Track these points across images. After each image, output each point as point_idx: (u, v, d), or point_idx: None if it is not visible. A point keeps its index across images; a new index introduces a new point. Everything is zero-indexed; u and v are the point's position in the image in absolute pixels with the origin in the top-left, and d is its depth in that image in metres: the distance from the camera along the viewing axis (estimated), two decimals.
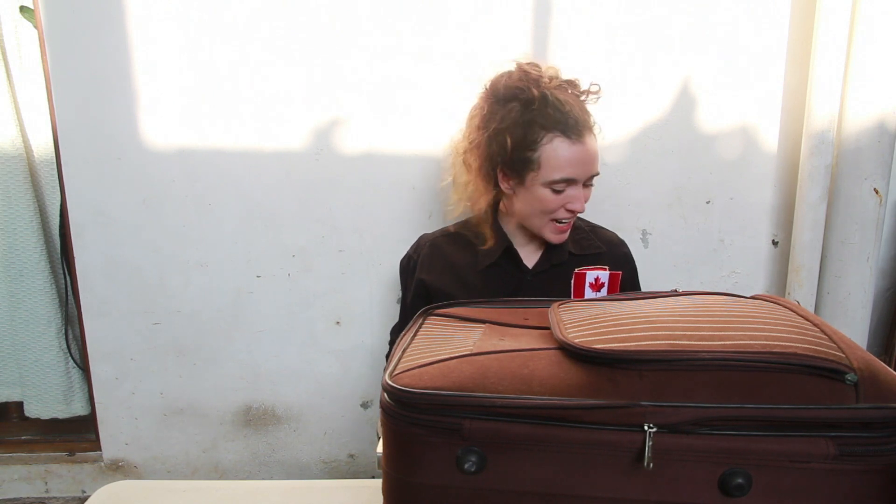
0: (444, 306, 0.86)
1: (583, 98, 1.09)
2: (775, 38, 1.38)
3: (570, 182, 1.04)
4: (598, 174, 1.08)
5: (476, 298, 1.09)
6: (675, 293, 0.82)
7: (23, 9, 1.51)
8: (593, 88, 1.09)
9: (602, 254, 1.15)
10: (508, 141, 1.04)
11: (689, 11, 1.37)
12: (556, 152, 1.01)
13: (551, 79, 1.06)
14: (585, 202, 1.08)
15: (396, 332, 1.27)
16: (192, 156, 1.43)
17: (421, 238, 1.23)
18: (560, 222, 1.08)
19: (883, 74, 1.30)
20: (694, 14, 1.37)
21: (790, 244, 1.45)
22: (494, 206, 1.19)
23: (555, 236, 1.10)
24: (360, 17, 1.36)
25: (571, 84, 1.08)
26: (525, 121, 1.02)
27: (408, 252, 1.23)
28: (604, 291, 1.09)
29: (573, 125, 1.01)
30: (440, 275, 1.15)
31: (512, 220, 1.16)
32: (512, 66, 1.09)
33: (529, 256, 1.15)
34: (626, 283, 1.16)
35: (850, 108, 1.33)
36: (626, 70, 1.39)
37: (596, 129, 1.08)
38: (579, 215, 1.22)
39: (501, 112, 1.05)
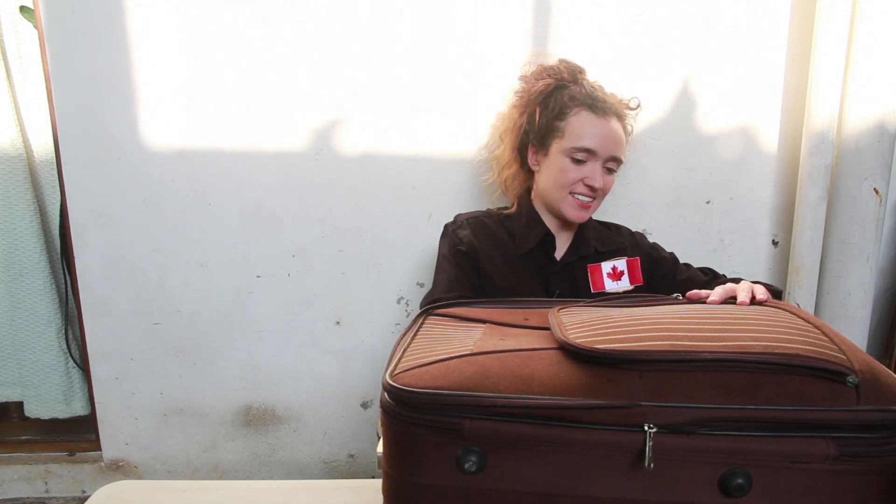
0: (445, 306, 0.86)
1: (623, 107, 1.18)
2: (775, 39, 1.38)
3: (590, 153, 1.09)
4: (620, 160, 1.13)
5: (513, 279, 1.12)
6: (676, 300, 0.81)
7: (23, 9, 1.51)
8: (633, 103, 1.20)
9: (625, 248, 1.19)
10: (538, 111, 1.13)
11: (689, 11, 1.37)
12: (580, 122, 1.09)
13: (591, 79, 1.18)
14: (607, 189, 1.13)
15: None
16: (192, 156, 1.42)
17: (458, 216, 1.22)
18: (579, 197, 1.11)
19: (883, 74, 1.30)
20: (694, 14, 1.37)
21: (790, 244, 1.45)
22: (528, 194, 1.22)
23: (574, 212, 1.12)
24: (360, 17, 1.36)
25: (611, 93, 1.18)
26: (557, 95, 1.12)
27: (446, 224, 1.21)
28: (625, 279, 1.14)
29: (601, 103, 1.10)
30: (485, 244, 1.15)
31: (542, 207, 1.19)
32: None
33: (559, 248, 1.18)
34: (653, 260, 1.18)
35: (850, 108, 1.33)
36: (625, 70, 1.39)
37: (629, 125, 1.17)
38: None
39: (533, 87, 1.16)
